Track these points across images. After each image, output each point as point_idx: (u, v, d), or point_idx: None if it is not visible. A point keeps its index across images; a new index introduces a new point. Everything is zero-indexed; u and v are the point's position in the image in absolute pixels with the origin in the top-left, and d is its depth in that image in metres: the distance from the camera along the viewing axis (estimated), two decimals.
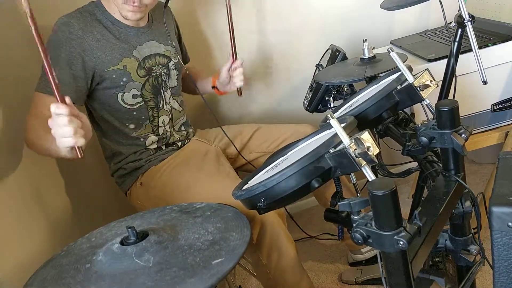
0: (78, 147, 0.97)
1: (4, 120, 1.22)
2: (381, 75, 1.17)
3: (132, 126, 1.36)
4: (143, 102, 1.36)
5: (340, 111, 1.05)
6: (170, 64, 1.43)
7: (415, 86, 0.89)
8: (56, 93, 0.94)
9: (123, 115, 1.34)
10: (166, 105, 1.42)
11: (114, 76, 1.29)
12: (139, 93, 1.34)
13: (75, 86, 1.24)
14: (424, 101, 0.91)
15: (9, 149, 1.21)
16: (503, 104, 1.49)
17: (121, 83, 1.30)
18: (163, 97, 1.41)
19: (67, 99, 0.95)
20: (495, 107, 1.49)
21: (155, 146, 1.41)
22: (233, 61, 1.45)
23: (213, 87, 1.56)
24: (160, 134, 1.41)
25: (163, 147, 1.43)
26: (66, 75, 1.22)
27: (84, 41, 1.24)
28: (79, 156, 0.99)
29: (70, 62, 1.22)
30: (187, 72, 1.53)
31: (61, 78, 1.20)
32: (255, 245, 1.22)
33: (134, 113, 1.35)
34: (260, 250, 1.22)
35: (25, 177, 1.25)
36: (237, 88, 1.50)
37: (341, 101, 1.49)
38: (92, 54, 1.25)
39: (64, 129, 0.94)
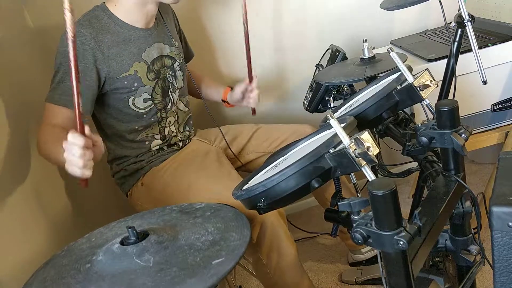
0: (85, 179, 0.98)
1: (4, 122, 1.22)
2: (381, 75, 1.17)
3: (140, 128, 1.36)
4: (153, 105, 1.36)
5: (340, 111, 1.05)
6: (175, 65, 1.43)
7: (415, 86, 0.89)
8: (78, 122, 0.94)
9: (133, 118, 1.34)
10: (173, 106, 1.42)
11: (125, 82, 1.29)
12: (149, 97, 1.34)
13: (91, 97, 1.25)
14: (424, 101, 0.91)
15: (9, 149, 1.21)
16: (503, 104, 1.49)
17: (133, 88, 1.30)
18: (172, 99, 1.41)
19: (87, 130, 0.95)
20: (495, 107, 1.49)
21: (157, 147, 1.41)
22: (250, 82, 1.44)
23: (223, 101, 1.57)
24: (166, 134, 1.42)
25: (165, 147, 1.43)
26: (82, 87, 1.21)
27: (96, 51, 1.23)
28: (83, 187, 1.00)
29: (85, 73, 1.22)
30: (190, 75, 1.53)
31: (81, 87, 1.20)
32: (255, 245, 1.22)
33: (144, 116, 1.35)
34: (260, 249, 1.22)
35: (25, 177, 1.25)
36: (252, 108, 1.51)
37: (341, 101, 1.49)
38: (105, 63, 1.24)
39: (76, 159, 0.94)
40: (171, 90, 1.41)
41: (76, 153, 0.93)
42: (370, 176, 0.67)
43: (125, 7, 1.29)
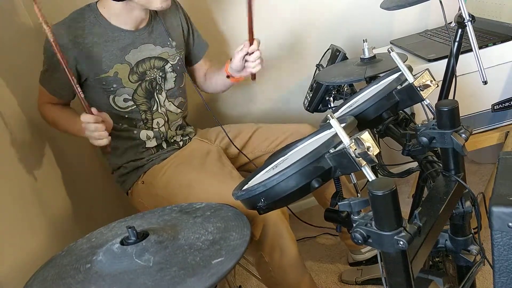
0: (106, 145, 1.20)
1: (3, 121, 1.22)
2: (381, 75, 1.17)
3: (125, 126, 1.37)
4: (135, 106, 1.36)
5: (340, 111, 1.05)
6: (167, 66, 1.41)
7: (415, 86, 0.89)
8: (84, 105, 1.17)
9: (114, 116, 1.33)
10: (160, 108, 1.41)
11: (104, 82, 1.31)
12: (130, 98, 1.35)
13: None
14: (424, 101, 0.91)
15: (8, 149, 1.21)
16: (503, 104, 1.49)
17: (111, 88, 1.32)
18: (157, 100, 1.40)
19: (93, 109, 1.16)
20: (495, 107, 1.49)
21: (155, 144, 1.41)
22: (250, 44, 1.34)
23: (228, 76, 1.46)
24: (159, 136, 1.41)
25: (164, 145, 1.43)
26: (65, 79, 1.23)
27: (74, 52, 1.26)
28: (107, 153, 1.31)
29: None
30: (188, 73, 1.52)
31: (62, 82, 1.27)
32: (257, 243, 1.22)
33: (126, 115, 1.36)
34: (262, 248, 1.22)
35: (25, 177, 1.25)
36: (252, 73, 1.40)
37: (341, 101, 1.49)
38: (83, 63, 1.28)
39: (93, 133, 1.17)
40: (157, 91, 1.40)
41: (91, 128, 1.16)
42: (370, 176, 0.67)
43: (113, 11, 1.30)
